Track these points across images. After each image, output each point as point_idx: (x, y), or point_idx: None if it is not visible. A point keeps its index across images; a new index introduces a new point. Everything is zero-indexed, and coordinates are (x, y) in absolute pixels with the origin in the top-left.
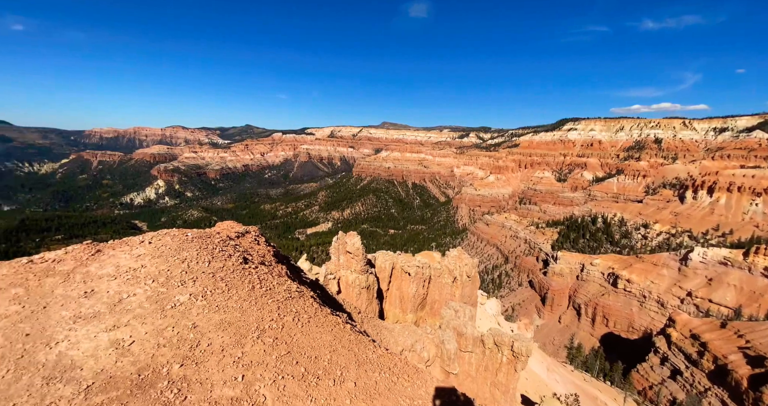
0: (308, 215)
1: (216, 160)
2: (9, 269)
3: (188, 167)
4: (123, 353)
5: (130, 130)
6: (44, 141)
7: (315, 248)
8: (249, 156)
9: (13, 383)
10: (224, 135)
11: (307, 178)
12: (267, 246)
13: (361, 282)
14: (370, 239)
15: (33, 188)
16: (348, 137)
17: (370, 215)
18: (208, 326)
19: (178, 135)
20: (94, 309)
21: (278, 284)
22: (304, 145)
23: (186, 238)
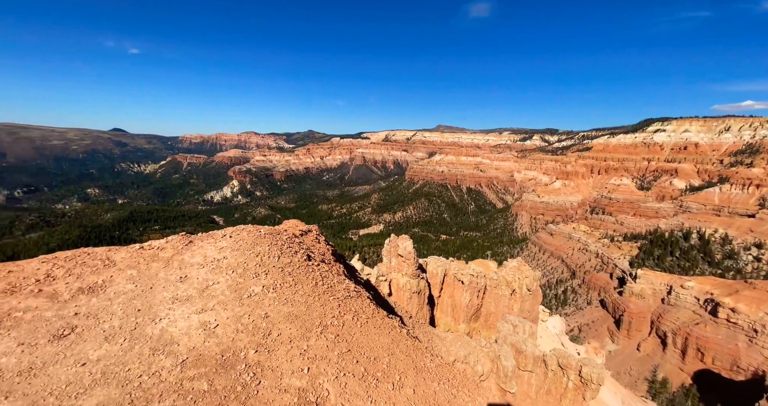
0: (361, 216)
1: (282, 163)
2: (126, 253)
3: (258, 169)
4: (209, 335)
5: (213, 136)
6: (149, 146)
7: (367, 248)
8: (310, 159)
9: (128, 351)
10: (289, 140)
11: (361, 180)
12: (326, 245)
13: (412, 287)
14: (421, 243)
15: (139, 185)
16: (402, 141)
17: (421, 219)
18: (278, 317)
19: (251, 140)
20: (187, 293)
21: (338, 282)
22: (359, 149)
23: (259, 234)
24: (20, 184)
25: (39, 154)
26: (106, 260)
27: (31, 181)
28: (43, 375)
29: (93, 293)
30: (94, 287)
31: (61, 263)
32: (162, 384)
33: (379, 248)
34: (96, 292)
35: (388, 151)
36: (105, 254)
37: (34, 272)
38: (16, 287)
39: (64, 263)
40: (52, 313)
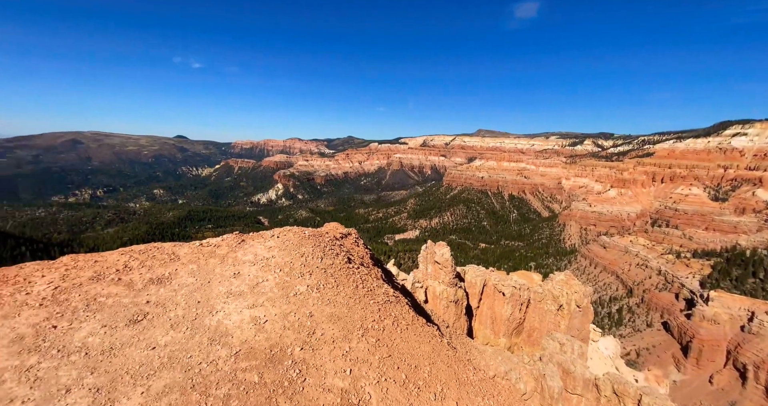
0: (397, 221)
1: (322, 168)
2: (188, 249)
3: (301, 173)
4: (259, 329)
5: (261, 142)
6: (206, 151)
7: (402, 254)
8: (348, 164)
9: (189, 339)
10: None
11: (397, 185)
12: (365, 248)
13: (449, 295)
14: (459, 251)
15: (196, 187)
16: (440, 146)
17: (459, 225)
18: (321, 317)
19: (295, 146)
20: (239, 288)
21: (377, 286)
22: (396, 154)
23: (304, 235)
24: (102, 185)
25: (117, 158)
26: (172, 254)
27: (110, 182)
28: (121, 355)
29: (161, 283)
30: (162, 279)
31: (135, 256)
32: (218, 373)
33: (414, 254)
34: (163, 283)
35: (426, 157)
36: (171, 249)
37: (115, 262)
38: (100, 275)
39: (138, 255)
40: (129, 300)
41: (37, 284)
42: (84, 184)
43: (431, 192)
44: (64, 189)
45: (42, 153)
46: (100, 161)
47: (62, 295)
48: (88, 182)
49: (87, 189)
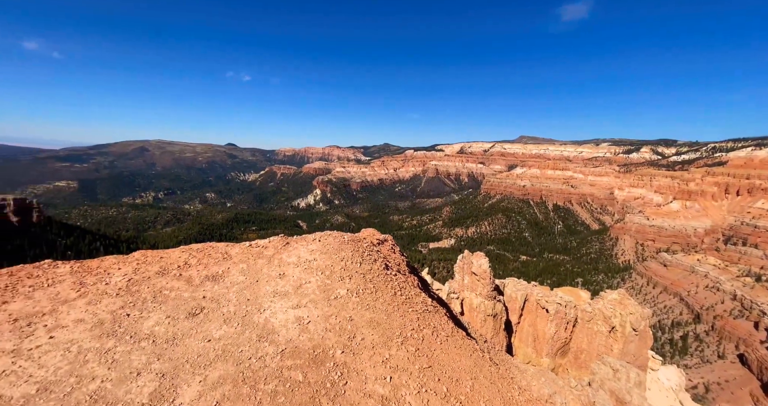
0: (431, 229)
1: (358, 174)
2: (239, 249)
3: (338, 180)
4: (303, 330)
5: (302, 150)
6: (252, 158)
7: (436, 262)
8: (384, 171)
9: (241, 334)
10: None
11: (433, 193)
12: (401, 256)
13: (487, 308)
14: (497, 262)
15: (243, 191)
16: (478, 153)
17: (497, 236)
18: (361, 322)
19: (334, 153)
20: (284, 289)
21: (415, 294)
22: (432, 162)
23: (343, 240)
24: (163, 188)
25: (176, 164)
26: (225, 253)
27: (170, 185)
28: (181, 345)
29: (215, 280)
30: (216, 276)
31: (194, 254)
32: (266, 369)
33: (449, 264)
34: (217, 280)
35: (463, 164)
36: (224, 249)
37: (177, 259)
38: (165, 270)
39: (196, 253)
40: (188, 294)
41: (114, 275)
42: (149, 187)
43: (468, 200)
44: (133, 191)
45: (116, 159)
46: (162, 167)
47: (134, 286)
48: (152, 186)
49: (151, 192)
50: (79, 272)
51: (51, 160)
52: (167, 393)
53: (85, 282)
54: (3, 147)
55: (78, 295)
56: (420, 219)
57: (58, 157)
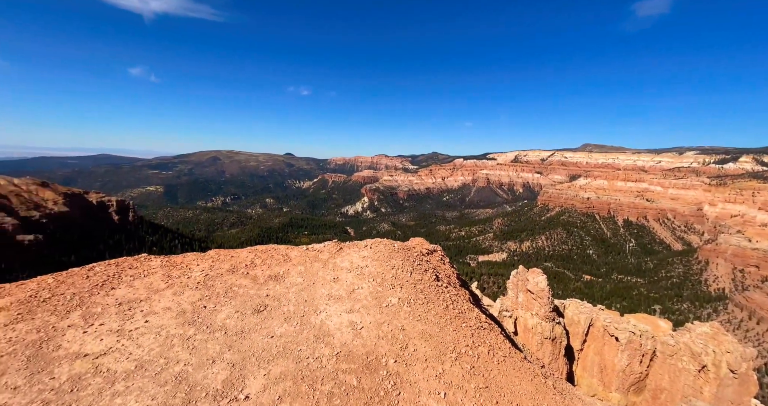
0: (481, 241)
1: (405, 183)
2: (298, 252)
3: (385, 188)
4: (356, 335)
5: (352, 159)
6: (307, 166)
7: (486, 277)
8: (431, 180)
9: (299, 334)
10: (414, 161)
11: (483, 203)
12: (451, 267)
13: (545, 330)
14: (555, 281)
15: (298, 198)
16: (535, 162)
17: (556, 252)
18: (413, 333)
19: (382, 162)
20: (338, 293)
21: (468, 309)
22: (483, 171)
23: (393, 248)
24: (230, 194)
25: (242, 172)
26: (285, 256)
27: (235, 191)
28: (248, 339)
29: (277, 280)
30: (277, 276)
31: (259, 254)
32: (323, 369)
33: (500, 279)
34: (279, 280)
35: (517, 173)
36: (285, 251)
37: (244, 258)
38: (235, 268)
39: (261, 254)
40: (254, 292)
41: (194, 270)
42: (219, 192)
43: (522, 212)
44: (206, 196)
45: (194, 167)
46: (231, 174)
47: (210, 281)
48: (222, 191)
49: (220, 197)
50: (167, 265)
51: (144, 168)
52: (237, 382)
53: (172, 275)
54: (110, 157)
55: (166, 286)
56: (469, 230)
57: (150, 165)
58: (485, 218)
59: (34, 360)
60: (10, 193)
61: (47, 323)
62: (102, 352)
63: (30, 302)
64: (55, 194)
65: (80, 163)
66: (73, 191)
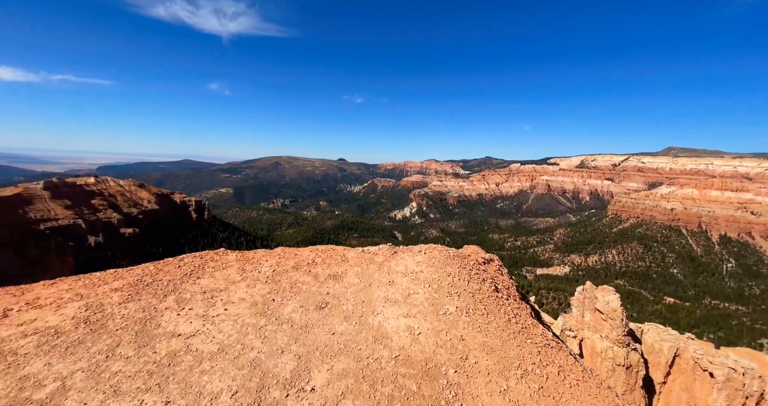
0: (540, 252)
1: (455, 189)
2: (354, 253)
3: (434, 193)
4: (414, 340)
5: (401, 164)
6: (358, 171)
7: (544, 291)
8: (484, 186)
9: (358, 333)
10: (465, 166)
11: (542, 212)
12: (509, 279)
13: (617, 357)
14: (629, 301)
15: (349, 202)
16: (605, 167)
17: (630, 268)
18: (473, 344)
19: (431, 167)
20: (394, 296)
21: (532, 324)
22: (543, 176)
23: (449, 254)
24: (288, 196)
25: (299, 176)
26: (343, 256)
27: (293, 194)
28: (311, 334)
29: (336, 280)
30: (336, 276)
31: (319, 254)
32: (382, 371)
33: (560, 294)
34: (337, 279)
35: (583, 180)
36: (342, 252)
37: (306, 257)
38: (298, 265)
39: (321, 253)
40: (315, 289)
41: (263, 265)
42: (279, 195)
43: (589, 222)
44: (268, 198)
45: (259, 172)
46: (289, 178)
47: (277, 276)
48: (281, 194)
49: (280, 199)
50: (241, 260)
51: (218, 172)
52: (303, 374)
53: (245, 269)
54: (192, 162)
55: (241, 278)
56: (525, 240)
57: (222, 169)
58: (545, 228)
59: (141, 335)
60: (117, 192)
61: (150, 304)
62: (191, 333)
63: (137, 285)
64: (149, 194)
65: (168, 168)
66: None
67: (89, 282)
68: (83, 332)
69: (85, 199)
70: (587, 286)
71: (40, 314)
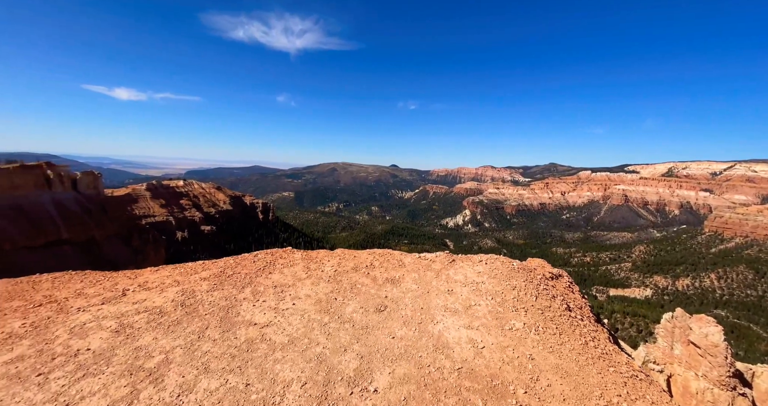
0: (614, 271)
1: (514, 197)
2: (411, 259)
3: (490, 201)
4: (478, 353)
5: (455, 170)
6: (409, 177)
7: (619, 315)
8: (547, 195)
9: (418, 340)
10: (526, 173)
11: (617, 225)
12: (582, 298)
13: (719, 401)
14: (733, 335)
15: (399, 207)
16: (700, 176)
17: (735, 297)
18: (545, 365)
19: (487, 173)
20: (454, 306)
21: (614, 351)
22: (619, 186)
23: (512, 267)
24: (342, 200)
25: (353, 181)
26: (400, 261)
27: (347, 198)
28: (372, 335)
29: (394, 284)
30: (394, 280)
31: (377, 257)
32: (444, 381)
33: (639, 320)
34: (395, 284)
35: (671, 190)
36: (399, 256)
37: (365, 259)
38: (357, 267)
39: (378, 257)
40: (374, 291)
41: (326, 265)
42: (334, 199)
43: (679, 240)
44: (324, 202)
45: (317, 177)
46: (344, 183)
47: (338, 276)
48: (336, 198)
49: (335, 203)
50: (305, 259)
51: (282, 177)
52: (366, 374)
53: (310, 267)
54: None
55: (306, 276)
56: (596, 256)
57: (286, 174)
58: (621, 244)
59: (224, 321)
60: (200, 194)
61: (231, 294)
62: (265, 324)
63: (220, 276)
64: (225, 196)
65: (240, 173)
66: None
67: (184, 271)
68: (180, 313)
69: (176, 199)
70: (678, 313)
71: (148, 296)
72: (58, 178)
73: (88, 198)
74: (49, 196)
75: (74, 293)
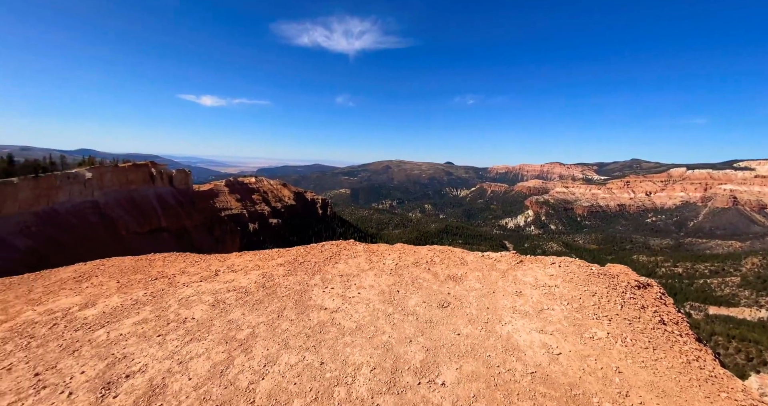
0: (716, 285)
1: (586, 197)
2: (473, 257)
3: (557, 201)
4: (553, 360)
5: (516, 167)
6: (465, 175)
7: (721, 338)
8: (628, 195)
9: (485, 340)
10: (602, 171)
11: (721, 232)
12: (677, 312)
13: None
14: None
15: (454, 206)
16: None
17: None
18: (635, 381)
19: (554, 171)
20: (523, 308)
21: (726, 375)
22: (725, 185)
23: (591, 271)
24: (396, 198)
25: (407, 179)
26: (462, 259)
27: (401, 196)
28: (437, 330)
29: (456, 281)
30: (456, 277)
31: (437, 253)
32: (516, 384)
33: (749, 346)
34: (457, 281)
35: None
36: (460, 254)
37: (425, 255)
38: (417, 262)
39: (439, 253)
40: (436, 287)
41: (387, 258)
42: (387, 196)
43: None
44: (378, 199)
45: (372, 174)
46: (398, 181)
47: (399, 270)
48: (390, 195)
49: (388, 200)
50: (367, 251)
51: (339, 175)
52: (432, 367)
53: (372, 260)
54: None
55: (369, 267)
56: (691, 267)
57: (342, 172)
58: (725, 254)
59: (298, 304)
60: (268, 190)
61: (303, 280)
62: (334, 309)
63: (293, 263)
64: (289, 192)
65: (303, 171)
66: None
67: (263, 257)
68: (262, 294)
69: (248, 194)
70: None
71: (236, 277)
72: (159, 175)
73: (181, 192)
74: (153, 191)
75: (179, 271)
